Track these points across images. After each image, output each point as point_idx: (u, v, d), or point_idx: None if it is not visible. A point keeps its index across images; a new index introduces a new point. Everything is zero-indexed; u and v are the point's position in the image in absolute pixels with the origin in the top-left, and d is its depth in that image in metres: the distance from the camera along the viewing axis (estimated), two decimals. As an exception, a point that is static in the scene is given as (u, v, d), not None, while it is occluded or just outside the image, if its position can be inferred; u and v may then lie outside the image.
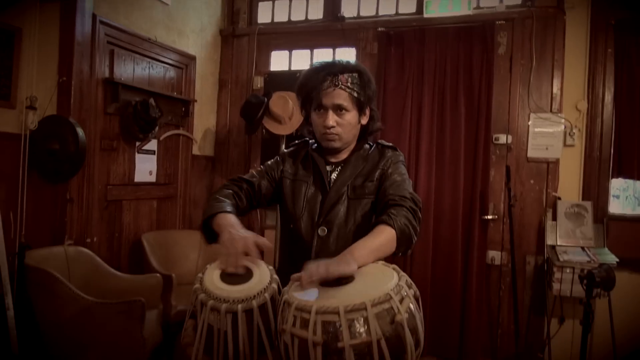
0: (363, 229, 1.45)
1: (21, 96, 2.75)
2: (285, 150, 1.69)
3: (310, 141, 1.64)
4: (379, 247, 1.23)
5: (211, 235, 1.39)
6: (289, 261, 1.54)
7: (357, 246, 1.20)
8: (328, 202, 1.50)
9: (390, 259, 1.27)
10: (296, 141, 1.71)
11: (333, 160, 1.57)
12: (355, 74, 1.49)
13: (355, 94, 1.47)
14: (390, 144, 1.62)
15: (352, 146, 1.58)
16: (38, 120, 2.77)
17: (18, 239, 2.65)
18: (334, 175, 1.54)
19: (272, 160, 1.67)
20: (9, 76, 2.68)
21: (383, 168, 1.53)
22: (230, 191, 1.51)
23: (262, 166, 1.65)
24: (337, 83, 1.46)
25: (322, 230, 1.49)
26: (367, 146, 1.59)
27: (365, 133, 1.60)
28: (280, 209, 1.63)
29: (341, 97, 1.46)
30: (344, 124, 1.49)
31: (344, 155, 1.57)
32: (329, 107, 1.47)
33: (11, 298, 2.33)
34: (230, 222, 1.35)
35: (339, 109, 1.47)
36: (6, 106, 2.68)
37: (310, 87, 1.49)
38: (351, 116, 1.49)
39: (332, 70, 1.47)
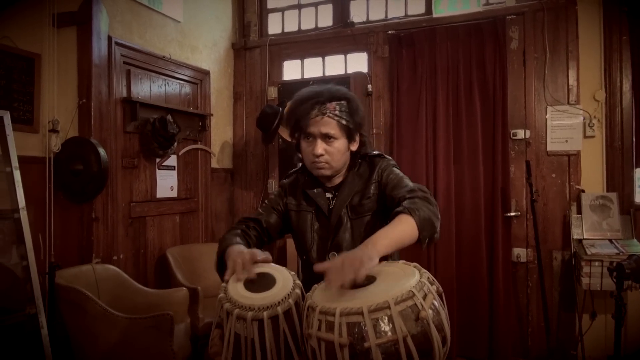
0: None
1: (43, 120, 2.83)
2: (285, 181, 1.70)
3: (305, 170, 1.64)
4: (399, 234, 1.23)
5: (224, 271, 1.38)
6: (308, 289, 1.56)
7: (378, 236, 1.21)
8: (332, 228, 1.52)
9: (417, 252, 1.27)
10: (294, 169, 1.71)
11: (330, 185, 1.58)
12: (343, 102, 1.49)
13: (344, 122, 1.48)
14: (377, 152, 1.62)
15: (344, 170, 1.58)
16: (61, 142, 2.85)
17: (48, 259, 2.72)
18: (334, 202, 1.55)
19: (275, 193, 1.69)
20: (31, 101, 2.77)
21: (377, 180, 1.53)
22: (239, 231, 1.54)
23: (266, 201, 1.67)
24: (324, 112, 1.46)
25: (332, 256, 1.50)
26: (358, 161, 1.59)
27: (356, 158, 1.59)
28: (293, 239, 1.66)
29: (329, 125, 1.46)
30: (332, 151, 1.49)
31: (339, 179, 1.58)
32: (317, 135, 1.47)
33: (44, 316, 2.38)
34: (239, 248, 1.38)
35: (327, 137, 1.47)
36: (30, 131, 2.76)
37: (298, 116, 1.49)
38: (340, 144, 1.49)
39: (319, 98, 1.48)
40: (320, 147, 1.47)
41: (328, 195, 1.57)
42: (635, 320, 2.95)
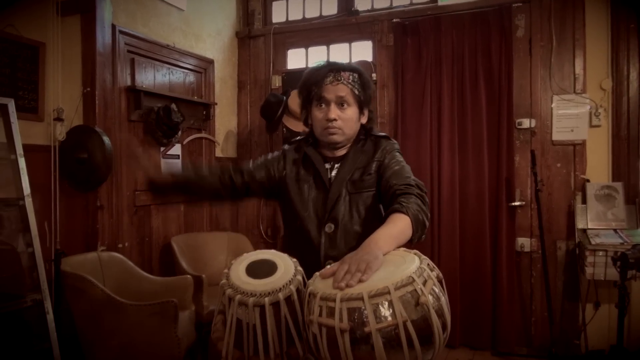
0: (369, 222, 1.47)
1: (48, 109, 2.84)
2: (286, 147, 1.69)
3: (309, 138, 1.65)
4: (398, 234, 1.24)
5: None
6: (297, 259, 1.55)
7: (379, 235, 1.21)
8: (330, 200, 1.51)
9: (421, 242, 1.29)
10: (298, 137, 1.71)
11: (330, 156, 1.58)
12: (355, 74, 1.53)
13: (357, 92, 1.52)
14: (383, 133, 1.63)
15: (349, 143, 1.59)
16: (66, 131, 2.86)
17: (53, 247, 2.75)
18: (333, 173, 1.55)
19: (277, 154, 1.68)
20: (36, 90, 2.77)
21: (379, 159, 1.54)
22: (205, 169, 1.66)
23: (263, 157, 1.67)
24: (339, 78, 1.50)
25: (329, 227, 1.50)
26: (362, 138, 1.61)
27: (361, 134, 1.61)
28: (284, 209, 1.63)
29: (343, 90, 1.50)
30: (345, 118, 1.51)
31: (342, 152, 1.58)
32: (331, 100, 1.50)
33: (50, 302, 2.41)
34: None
35: (340, 103, 1.50)
36: (35, 119, 2.77)
37: (312, 83, 1.53)
38: (352, 111, 1.52)
39: (334, 67, 1.53)
40: (334, 112, 1.50)
41: (327, 166, 1.57)
42: (639, 309, 2.95)
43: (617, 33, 3.20)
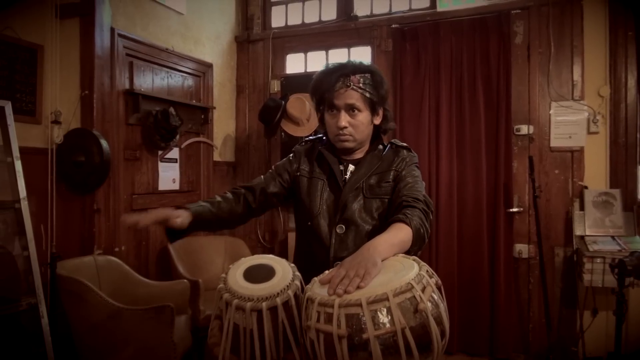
0: (380, 229, 1.45)
1: (46, 111, 2.83)
2: (299, 147, 1.70)
3: (323, 138, 1.66)
4: (398, 242, 1.23)
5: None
6: (307, 259, 1.55)
7: (379, 241, 1.20)
8: (343, 200, 1.51)
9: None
10: (311, 137, 1.71)
11: (346, 158, 1.58)
12: (367, 75, 1.50)
13: (368, 95, 1.49)
14: (405, 144, 1.63)
15: (366, 146, 1.59)
16: (63, 134, 2.85)
17: (49, 250, 2.73)
18: (348, 174, 1.55)
19: (285, 159, 1.69)
20: (34, 93, 2.77)
21: (397, 169, 1.53)
22: (226, 194, 1.59)
23: (273, 167, 1.68)
24: (348, 84, 1.47)
25: (340, 228, 1.50)
26: (381, 146, 1.60)
27: (378, 133, 1.61)
28: (297, 207, 1.64)
29: (353, 97, 1.48)
30: (356, 124, 1.50)
31: (358, 155, 1.58)
32: (341, 107, 1.49)
33: (45, 306, 2.40)
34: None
35: (351, 109, 1.49)
36: (32, 122, 2.76)
37: (323, 89, 1.51)
38: (363, 116, 1.50)
39: (344, 71, 1.49)
40: (344, 119, 1.49)
41: (341, 167, 1.57)
42: (636, 317, 2.94)
43: (615, 40, 3.21)
